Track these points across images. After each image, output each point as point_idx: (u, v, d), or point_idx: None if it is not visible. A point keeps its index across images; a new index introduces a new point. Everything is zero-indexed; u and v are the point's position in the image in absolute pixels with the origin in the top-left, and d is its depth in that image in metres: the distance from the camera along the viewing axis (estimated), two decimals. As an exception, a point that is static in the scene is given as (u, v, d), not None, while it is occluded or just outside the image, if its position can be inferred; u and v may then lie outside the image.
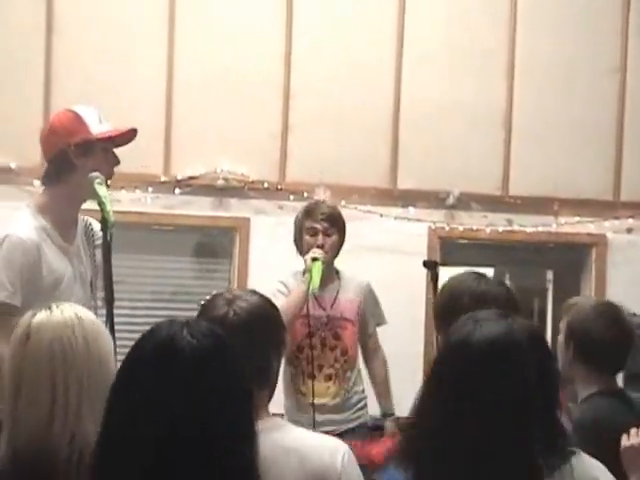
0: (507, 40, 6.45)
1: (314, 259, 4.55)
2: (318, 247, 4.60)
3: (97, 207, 3.19)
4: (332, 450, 2.17)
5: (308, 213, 4.73)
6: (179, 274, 6.21)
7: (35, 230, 3.27)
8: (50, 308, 2.20)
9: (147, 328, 1.84)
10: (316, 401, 4.43)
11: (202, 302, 2.35)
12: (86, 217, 3.49)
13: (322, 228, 4.65)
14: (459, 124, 6.42)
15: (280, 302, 4.08)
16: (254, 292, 2.37)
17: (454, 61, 6.43)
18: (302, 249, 4.68)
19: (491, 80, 6.48)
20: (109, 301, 3.04)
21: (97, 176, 3.22)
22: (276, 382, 2.32)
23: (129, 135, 3.43)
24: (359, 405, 4.70)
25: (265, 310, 2.30)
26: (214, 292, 2.39)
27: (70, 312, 2.19)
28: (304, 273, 4.58)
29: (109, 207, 3.13)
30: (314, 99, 6.25)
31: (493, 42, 6.48)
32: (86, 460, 2.04)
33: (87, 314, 2.24)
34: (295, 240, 4.79)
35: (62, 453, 2.07)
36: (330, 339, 4.64)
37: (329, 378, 4.59)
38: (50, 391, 2.09)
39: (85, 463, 2.04)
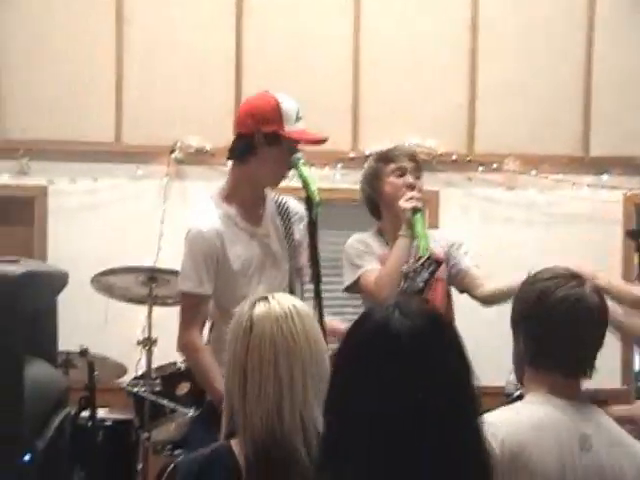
0: None
1: (415, 210, 3.65)
2: (409, 188, 3.75)
3: (301, 186, 3.23)
4: None
5: (387, 156, 3.88)
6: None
7: (218, 219, 3.35)
8: (267, 299, 2.24)
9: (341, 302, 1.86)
10: None
11: None
12: (280, 196, 3.53)
13: (410, 167, 3.82)
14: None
15: (372, 265, 3.74)
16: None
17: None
18: (383, 199, 3.84)
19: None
20: (317, 279, 3.09)
21: (300, 157, 3.26)
22: None
23: (317, 142, 3.40)
24: None
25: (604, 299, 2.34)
26: None
27: (287, 303, 2.24)
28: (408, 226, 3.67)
29: (313, 187, 3.17)
30: (501, 66, 6.17)
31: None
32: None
33: (301, 304, 2.28)
34: (368, 196, 3.90)
35: (298, 440, 2.13)
36: None
37: None
38: (276, 382, 2.14)
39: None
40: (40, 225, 6.02)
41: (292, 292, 3.37)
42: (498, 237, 6.05)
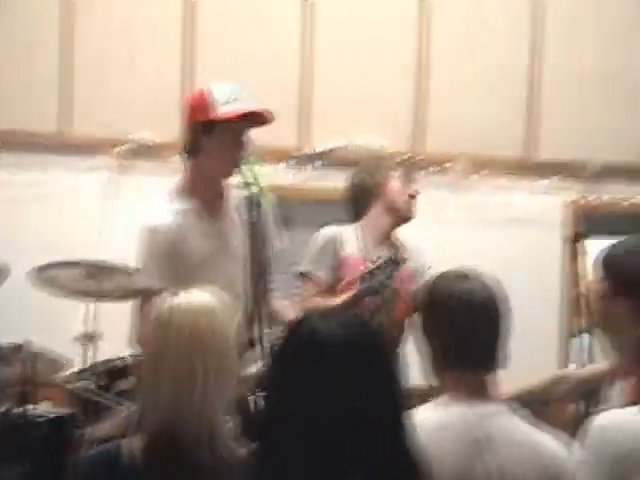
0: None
1: None
2: (412, 197, 3.92)
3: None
4: (562, 446, 2.26)
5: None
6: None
7: (173, 214, 3.33)
8: (187, 291, 2.24)
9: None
10: None
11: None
12: (246, 192, 3.44)
13: (415, 181, 4.04)
14: (597, 92, 6.28)
15: (321, 274, 3.87)
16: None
17: (598, 28, 6.28)
18: (383, 195, 3.94)
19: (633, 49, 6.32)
20: (255, 279, 3.06)
21: (250, 154, 3.23)
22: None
23: (257, 116, 3.29)
24: None
25: (497, 292, 2.34)
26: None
27: (207, 295, 2.23)
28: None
29: (258, 185, 3.13)
30: (449, 66, 6.19)
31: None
32: (215, 440, 2.11)
33: (222, 297, 2.26)
34: (363, 186, 3.98)
35: (194, 433, 2.13)
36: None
37: None
38: (188, 375, 2.14)
39: (215, 443, 2.11)
40: (-18, 216, 5.92)
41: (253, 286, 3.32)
42: (443, 240, 6.06)
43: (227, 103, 3.27)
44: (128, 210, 5.80)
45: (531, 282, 5.82)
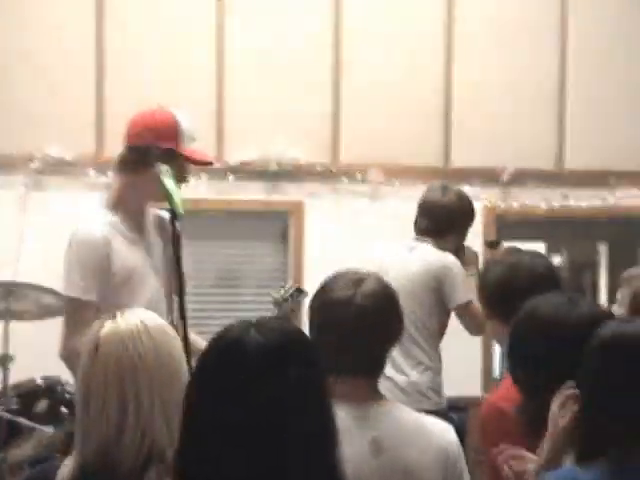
0: (558, 17, 6.41)
1: None
2: None
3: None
4: (449, 428, 2.36)
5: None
6: (234, 259, 6.25)
7: (105, 226, 3.32)
8: (115, 317, 2.20)
9: (206, 314, 1.86)
10: None
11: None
12: (157, 210, 3.53)
13: None
14: (511, 100, 6.38)
15: None
16: (376, 277, 2.39)
17: (504, 38, 6.38)
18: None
19: (542, 56, 6.43)
20: (180, 293, 3.07)
21: (165, 169, 3.24)
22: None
23: (206, 164, 3.65)
24: None
25: (389, 298, 2.34)
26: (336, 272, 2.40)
27: (135, 320, 2.19)
28: None
29: (177, 198, 3.15)
30: (364, 78, 6.23)
31: (544, 18, 6.43)
32: (154, 463, 2.07)
33: (153, 319, 2.23)
34: (460, 223, 4.85)
35: (129, 460, 2.09)
36: None
37: None
38: (119, 402, 2.10)
39: (153, 466, 2.07)
40: None
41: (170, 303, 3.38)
42: (364, 249, 6.08)
43: (192, 140, 3.40)
44: (42, 227, 5.73)
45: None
